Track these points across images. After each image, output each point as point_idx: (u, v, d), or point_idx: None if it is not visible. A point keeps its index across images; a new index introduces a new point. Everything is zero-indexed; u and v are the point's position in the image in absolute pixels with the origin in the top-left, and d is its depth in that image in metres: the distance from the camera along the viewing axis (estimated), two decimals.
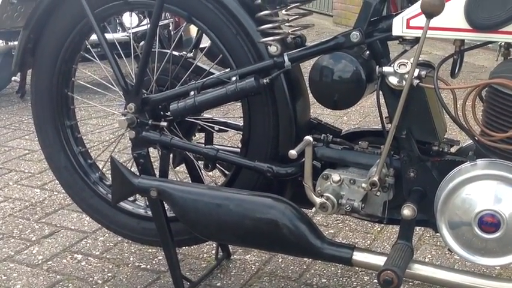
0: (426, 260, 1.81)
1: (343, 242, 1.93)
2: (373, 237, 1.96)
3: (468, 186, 1.23)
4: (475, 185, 1.23)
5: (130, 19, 3.70)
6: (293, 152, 1.29)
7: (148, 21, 1.60)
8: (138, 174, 1.54)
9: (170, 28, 3.92)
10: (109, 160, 1.53)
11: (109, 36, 1.63)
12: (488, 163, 1.25)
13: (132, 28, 3.65)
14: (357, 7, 5.16)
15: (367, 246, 1.91)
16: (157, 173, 1.58)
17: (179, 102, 1.47)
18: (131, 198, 1.72)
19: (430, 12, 1.16)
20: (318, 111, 2.98)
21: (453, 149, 1.41)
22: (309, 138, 1.33)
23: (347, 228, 2.03)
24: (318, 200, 1.37)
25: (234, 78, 1.44)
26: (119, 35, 3.75)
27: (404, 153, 1.35)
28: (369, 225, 2.03)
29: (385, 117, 1.36)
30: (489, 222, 1.21)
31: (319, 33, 6.29)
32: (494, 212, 1.20)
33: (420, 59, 1.44)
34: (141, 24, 3.81)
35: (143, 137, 1.54)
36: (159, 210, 1.51)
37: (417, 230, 1.93)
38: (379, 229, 2.01)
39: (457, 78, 1.38)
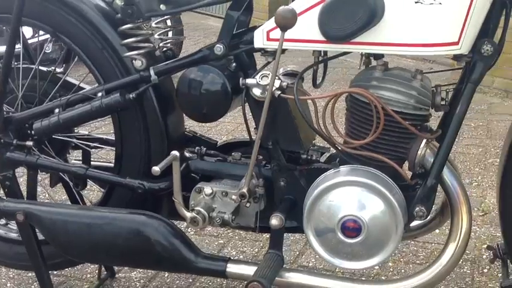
0: (310, 265, 1.84)
1: (231, 252, 1.93)
2: (261, 244, 1.97)
3: (331, 193, 1.26)
4: (337, 192, 1.26)
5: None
6: (156, 169, 1.27)
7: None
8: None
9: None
10: None
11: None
12: (350, 170, 1.29)
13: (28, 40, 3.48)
14: (263, 13, 5.22)
15: (255, 255, 1.92)
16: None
17: (43, 121, 1.41)
18: (3, 222, 1.64)
19: (284, 25, 1.18)
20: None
21: (325, 157, 1.44)
22: (175, 153, 1.31)
23: (237, 237, 2.03)
24: (188, 215, 1.36)
25: (100, 94, 1.40)
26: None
27: (274, 163, 1.37)
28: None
29: (255, 128, 1.37)
30: (351, 227, 1.24)
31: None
32: (355, 218, 1.24)
33: (289, 68, 1.48)
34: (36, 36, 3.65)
35: (8, 158, 1.46)
36: (28, 234, 1.43)
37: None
38: (267, 237, 2.02)
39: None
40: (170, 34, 1.66)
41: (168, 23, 1.62)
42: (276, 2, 6.49)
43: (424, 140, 1.26)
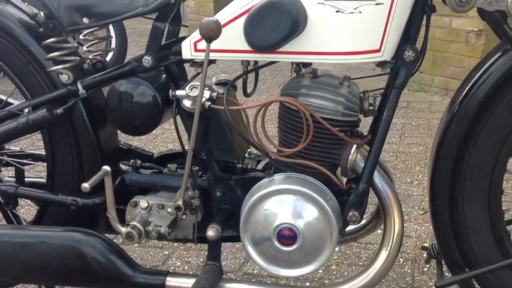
0: (255, 272, 1.84)
1: (176, 262, 1.91)
2: (206, 253, 1.96)
3: (266, 202, 1.26)
4: (272, 201, 1.26)
5: None
6: (86, 185, 1.25)
7: None
8: None
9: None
10: None
11: None
12: (284, 178, 1.30)
13: None
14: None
15: (200, 264, 1.91)
16: None
17: None
18: None
19: (208, 37, 1.18)
20: None
21: (261, 164, 1.45)
22: (105, 168, 1.29)
23: (182, 247, 2.01)
24: (123, 230, 1.34)
25: (26, 110, 1.36)
26: None
27: (209, 173, 1.36)
28: None
29: (189, 139, 1.37)
30: (287, 235, 1.25)
31: None
32: (290, 225, 1.25)
33: (221, 77, 1.48)
34: None
35: None
36: None
37: None
38: None
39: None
40: (113, 43, 1.63)
41: (102, 33, 1.58)
42: (221, 6, 6.50)
43: (355, 146, 1.28)
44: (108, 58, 3.89)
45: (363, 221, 1.49)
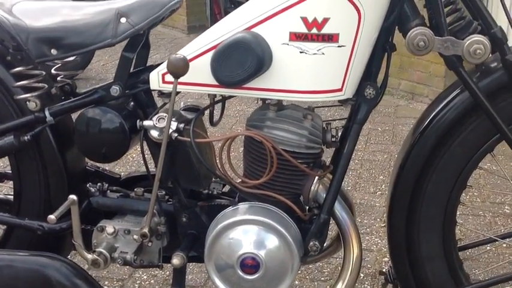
0: None
1: (143, 276, 1.94)
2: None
3: (230, 232, 1.30)
4: (235, 230, 1.30)
5: None
6: (52, 217, 1.26)
7: None
8: None
9: None
10: None
11: None
12: (248, 207, 1.34)
13: None
14: (181, 9, 5.07)
15: (167, 278, 1.93)
16: None
17: None
18: None
19: (176, 73, 1.20)
20: None
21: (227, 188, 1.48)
22: (72, 197, 1.31)
23: None
24: (89, 257, 1.36)
25: None
26: None
27: (175, 199, 1.39)
28: None
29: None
30: (249, 264, 1.29)
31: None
32: (253, 255, 1.29)
33: (189, 102, 1.50)
34: None
35: None
36: None
37: None
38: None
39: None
40: None
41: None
42: (195, 4, 6.49)
43: (316, 177, 1.32)
44: None
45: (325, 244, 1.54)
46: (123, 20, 1.30)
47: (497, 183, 2.54)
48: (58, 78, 1.44)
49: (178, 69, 1.19)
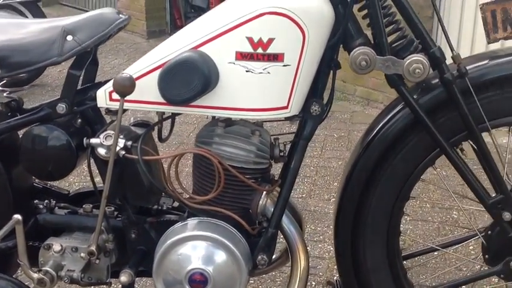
0: None
1: None
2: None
3: (178, 248, 1.30)
4: (184, 246, 1.30)
5: None
6: None
7: None
8: None
9: None
10: None
11: None
12: (197, 223, 1.34)
13: None
14: (140, 13, 5.07)
15: None
16: None
17: None
18: None
19: (122, 92, 1.20)
20: None
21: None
22: (16, 217, 1.29)
23: None
24: (35, 276, 1.34)
25: None
26: None
27: (124, 216, 1.39)
28: None
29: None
30: (198, 280, 1.30)
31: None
32: (201, 270, 1.30)
33: (139, 117, 1.50)
34: None
35: None
36: None
37: None
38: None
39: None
40: None
41: None
42: (153, 2, 6.45)
43: (264, 192, 1.34)
44: None
45: (274, 256, 1.57)
46: (69, 37, 1.29)
47: (445, 189, 2.61)
48: (4, 95, 1.42)
49: (124, 88, 1.19)
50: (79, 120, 1.38)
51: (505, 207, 1.28)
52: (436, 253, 2.01)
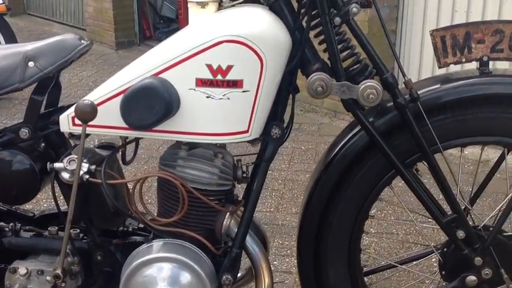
0: None
1: None
2: None
3: (144, 269, 1.32)
4: (149, 268, 1.32)
5: None
6: None
7: None
8: None
9: None
10: None
11: None
12: (162, 244, 1.36)
13: None
14: (108, 24, 5.06)
15: None
16: None
17: None
18: None
19: (84, 119, 1.22)
20: None
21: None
22: None
23: None
24: None
25: None
26: None
27: (89, 238, 1.40)
28: None
29: None
30: None
31: None
32: None
33: (103, 140, 1.52)
34: None
35: None
36: None
37: None
38: None
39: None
40: None
41: None
42: (121, 13, 6.43)
43: (228, 213, 1.37)
44: None
45: (239, 274, 1.59)
46: (31, 64, 1.31)
47: (410, 200, 2.67)
48: None
49: (86, 114, 1.21)
50: (42, 144, 1.40)
51: (458, 226, 1.33)
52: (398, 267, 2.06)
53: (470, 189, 1.55)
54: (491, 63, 1.32)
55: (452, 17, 3.52)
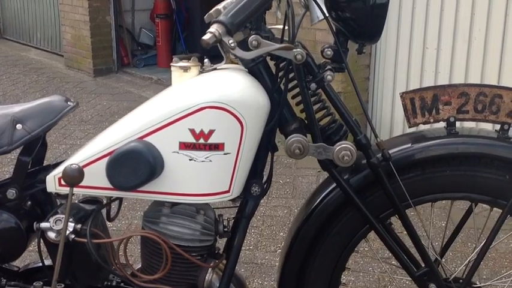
0: None
1: None
2: None
3: None
4: None
5: None
6: None
7: None
8: None
9: None
10: None
11: None
12: None
13: None
14: (86, 51, 5.06)
15: None
16: None
17: None
18: None
19: (71, 182, 1.26)
20: None
21: None
22: None
23: None
24: None
25: None
26: None
27: None
28: None
29: None
30: None
31: (50, 78, 6.06)
32: None
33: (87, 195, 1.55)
34: None
35: None
36: None
37: None
38: None
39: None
40: None
41: None
42: (99, 41, 6.46)
43: (210, 268, 1.42)
44: None
45: None
46: (18, 126, 1.35)
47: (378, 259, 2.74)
48: None
49: (74, 179, 1.26)
50: (29, 203, 1.43)
51: (430, 279, 1.40)
52: None
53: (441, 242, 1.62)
54: (458, 122, 1.40)
55: (421, 77, 3.68)
